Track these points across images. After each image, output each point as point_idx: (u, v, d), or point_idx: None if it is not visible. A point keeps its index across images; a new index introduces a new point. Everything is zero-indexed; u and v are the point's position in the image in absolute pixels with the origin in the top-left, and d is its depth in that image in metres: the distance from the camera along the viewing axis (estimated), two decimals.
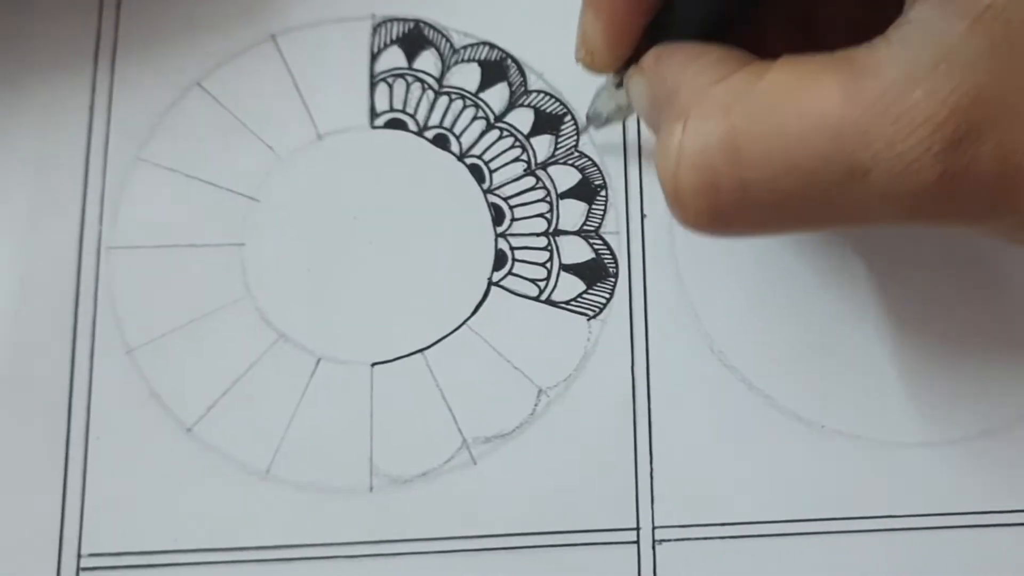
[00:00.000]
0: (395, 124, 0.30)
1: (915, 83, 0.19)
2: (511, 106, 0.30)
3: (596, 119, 0.28)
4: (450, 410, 0.28)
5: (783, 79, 0.21)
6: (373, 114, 0.30)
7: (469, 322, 0.29)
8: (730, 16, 0.24)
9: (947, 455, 0.28)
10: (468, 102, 0.30)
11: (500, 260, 0.29)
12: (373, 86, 0.30)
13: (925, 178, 0.19)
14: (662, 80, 0.23)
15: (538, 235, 0.29)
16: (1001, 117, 0.19)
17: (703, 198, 0.21)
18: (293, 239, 0.29)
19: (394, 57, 0.30)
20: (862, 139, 0.19)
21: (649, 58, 0.24)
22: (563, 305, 0.29)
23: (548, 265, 0.29)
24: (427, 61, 0.30)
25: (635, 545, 0.27)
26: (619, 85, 0.26)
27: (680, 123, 0.21)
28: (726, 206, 0.21)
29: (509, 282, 0.29)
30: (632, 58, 0.25)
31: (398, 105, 0.30)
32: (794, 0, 0.25)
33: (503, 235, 0.29)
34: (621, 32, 0.24)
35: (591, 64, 0.25)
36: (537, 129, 0.30)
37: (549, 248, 0.29)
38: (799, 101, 0.20)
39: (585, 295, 0.29)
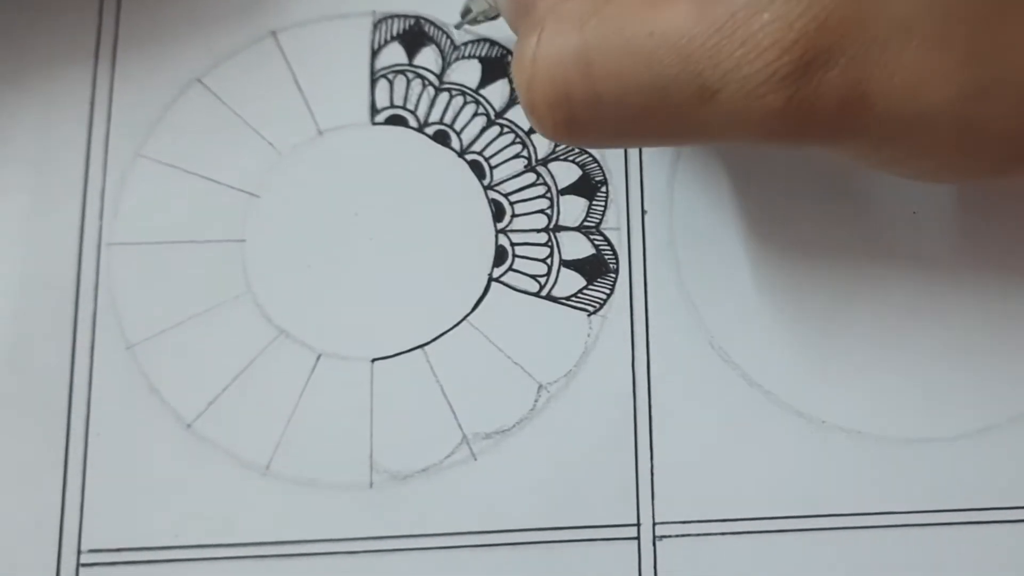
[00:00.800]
0: (396, 120, 0.30)
1: (764, 6, 0.19)
2: (512, 103, 0.30)
3: (466, 16, 0.28)
4: (450, 406, 0.28)
5: None
6: (374, 110, 0.30)
7: (469, 318, 0.29)
8: None
9: (947, 451, 0.28)
10: (469, 98, 0.30)
11: (501, 256, 0.29)
12: (374, 82, 0.30)
13: (772, 101, 0.20)
14: None
15: (538, 231, 0.29)
16: (848, 44, 0.19)
17: (557, 109, 0.21)
18: (293, 235, 0.29)
19: (395, 53, 0.30)
20: (710, 60, 0.20)
21: None
22: (563, 301, 0.29)
23: (548, 261, 0.29)
24: (427, 57, 0.30)
25: (635, 541, 0.27)
26: None
27: (535, 35, 0.21)
28: (579, 117, 0.21)
29: (509, 278, 0.29)
30: None
31: (399, 101, 0.30)
32: None
33: (504, 231, 0.29)
34: None
35: None
36: None
37: (549, 244, 0.29)
38: (651, 19, 0.20)
39: (585, 291, 0.29)
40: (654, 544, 0.27)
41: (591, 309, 0.29)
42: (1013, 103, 0.20)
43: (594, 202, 0.29)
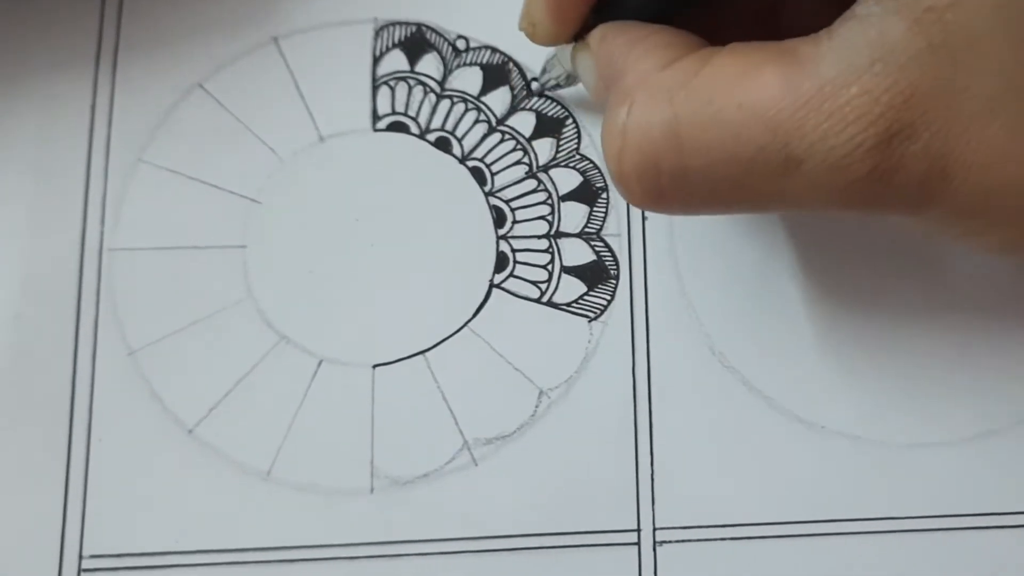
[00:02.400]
0: (397, 127, 0.30)
1: (851, 80, 0.20)
2: (513, 109, 0.30)
3: (543, 79, 0.29)
4: (451, 411, 0.28)
5: (726, 68, 0.21)
6: (375, 117, 0.30)
7: (470, 324, 0.29)
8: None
9: (947, 456, 0.28)
10: (470, 105, 0.30)
11: (501, 262, 0.29)
12: (375, 89, 0.30)
13: (855, 172, 0.20)
14: (608, 60, 0.24)
15: (539, 237, 0.29)
16: (932, 118, 0.20)
17: (646, 180, 0.22)
18: (295, 241, 0.29)
19: (396, 60, 0.30)
20: (797, 132, 0.20)
21: (595, 36, 0.24)
22: (564, 307, 0.29)
23: (549, 267, 0.29)
24: (429, 64, 0.30)
25: (636, 547, 0.27)
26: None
27: (625, 106, 0.22)
28: (667, 189, 0.22)
29: (510, 284, 0.29)
30: (581, 31, 0.25)
31: (400, 108, 0.30)
32: None
33: (504, 237, 0.29)
34: (563, 8, 0.25)
35: (532, 36, 0.25)
36: (539, 132, 0.30)
37: (550, 250, 0.29)
38: (739, 91, 0.21)
39: (586, 297, 0.29)
40: (654, 549, 0.27)
41: (592, 315, 0.29)
42: None
43: (595, 208, 0.30)
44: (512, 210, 0.29)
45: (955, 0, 0.19)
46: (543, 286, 0.29)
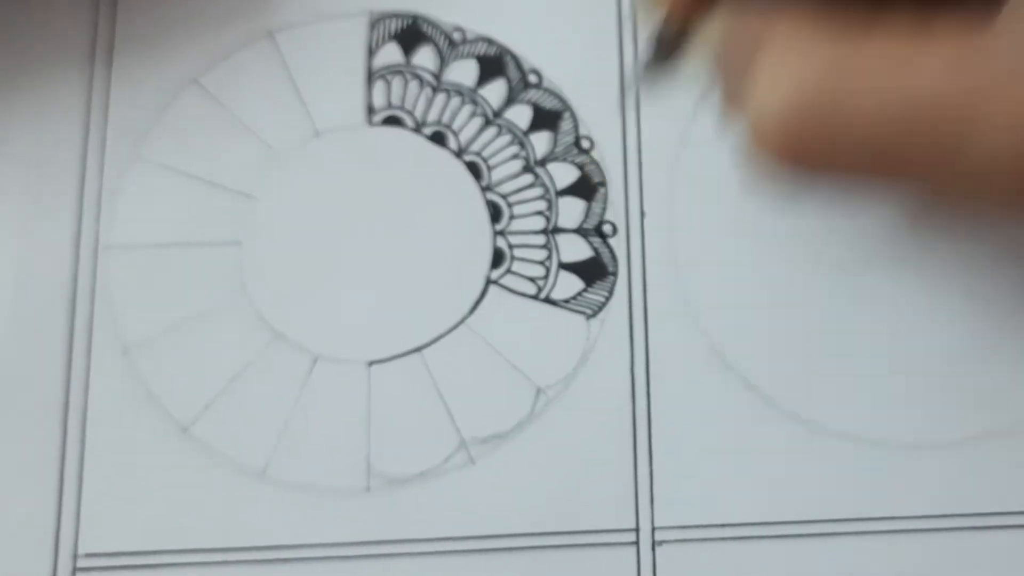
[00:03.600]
0: (392, 121, 0.30)
1: None
2: (509, 102, 0.30)
3: (659, 53, 0.24)
4: (448, 409, 0.28)
5: (891, 48, 0.20)
6: (370, 111, 0.30)
7: (467, 321, 0.28)
8: None
9: (947, 456, 0.27)
10: (466, 98, 0.30)
11: (498, 258, 0.29)
12: (370, 83, 0.30)
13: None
14: (750, 25, 0.22)
15: (537, 233, 0.29)
16: None
17: (789, 150, 0.21)
18: (290, 237, 0.29)
19: (391, 53, 0.30)
20: (964, 122, 0.19)
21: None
22: (562, 304, 0.29)
23: (547, 263, 0.29)
24: (425, 57, 0.30)
25: (634, 546, 0.27)
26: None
27: (776, 72, 0.21)
28: (810, 158, 0.21)
29: (507, 280, 0.29)
30: None
31: (396, 102, 0.30)
32: None
33: (501, 233, 0.29)
34: None
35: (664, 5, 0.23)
36: (536, 125, 0.30)
37: (548, 246, 0.29)
38: (903, 76, 0.20)
39: (584, 294, 0.29)
40: (653, 549, 0.27)
41: (589, 312, 0.28)
42: None
43: (593, 204, 0.29)
44: (509, 205, 0.29)
45: None
46: (540, 282, 0.29)
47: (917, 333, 0.28)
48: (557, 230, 0.29)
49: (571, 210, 0.29)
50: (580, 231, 0.29)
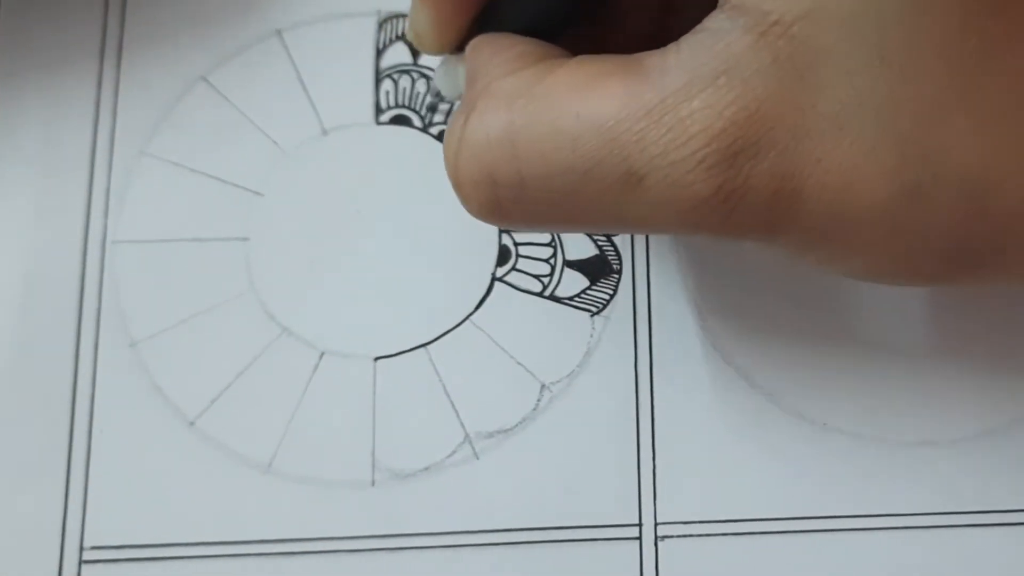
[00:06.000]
0: (400, 120, 0.30)
1: (695, 92, 0.19)
2: None
3: (437, 97, 0.28)
4: (452, 405, 0.28)
5: (570, 77, 0.20)
6: (378, 110, 0.30)
7: (472, 317, 0.29)
8: (560, 15, 0.23)
9: (949, 454, 0.28)
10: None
11: (504, 255, 0.29)
12: (378, 82, 0.30)
13: (699, 191, 0.19)
14: (469, 69, 0.23)
15: None
16: (779, 136, 0.19)
17: (481, 189, 0.21)
18: (297, 234, 0.29)
19: (399, 53, 0.30)
20: (637, 145, 0.19)
21: (469, 47, 0.23)
22: (566, 301, 0.29)
23: (552, 261, 0.29)
24: (432, 57, 0.30)
25: (637, 541, 0.27)
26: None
27: (465, 113, 0.21)
28: (504, 200, 0.21)
29: (513, 277, 0.29)
30: (463, 42, 0.24)
31: (403, 101, 0.30)
32: (644, 9, 0.25)
33: (507, 231, 0.29)
34: (445, 21, 0.23)
35: (418, 45, 0.24)
36: None
37: (553, 244, 0.29)
38: (579, 100, 0.20)
39: (588, 291, 0.29)
40: (656, 544, 0.27)
41: (594, 310, 0.29)
42: (949, 206, 0.19)
43: None
44: None
45: (803, 14, 0.18)
46: (545, 280, 0.29)
47: (918, 332, 0.28)
48: None
49: None
50: None
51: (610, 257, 0.29)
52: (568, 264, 0.29)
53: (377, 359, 0.28)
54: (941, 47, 0.18)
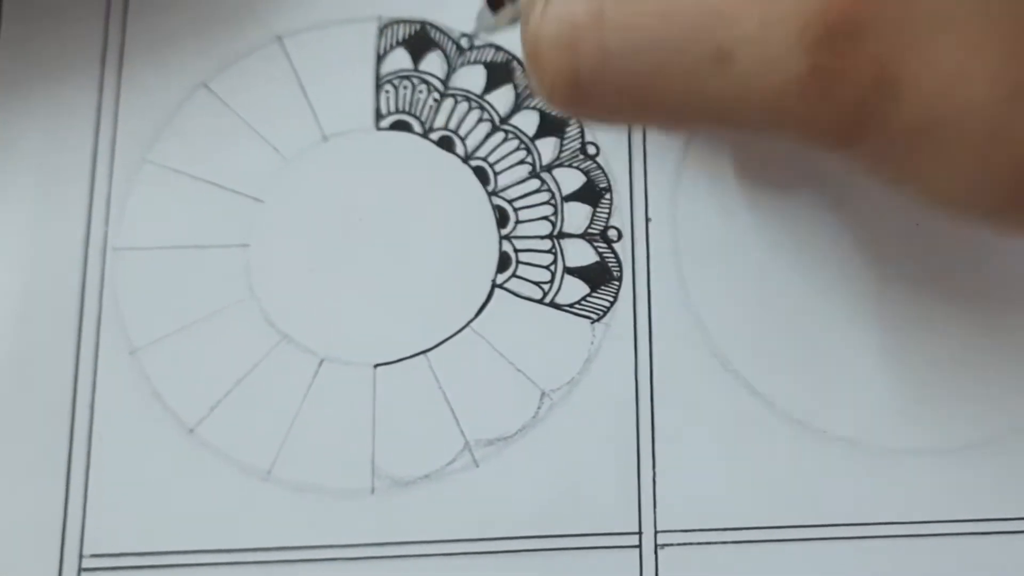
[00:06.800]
0: (400, 126, 0.30)
1: None
2: (516, 108, 0.30)
3: (483, 22, 0.26)
4: (452, 412, 0.28)
5: None
6: (378, 116, 0.30)
7: (472, 324, 0.29)
8: None
9: (949, 462, 0.27)
10: (473, 104, 0.30)
11: (504, 262, 0.29)
12: (378, 88, 0.30)
13: (791, 70, 0.18)
14: None
15: (542, 237, 0.29)
16: (883, 21, 0.18)
17: (564, 59, 0.19)
18: (297, 240, 0.29)
19: (400, 59, 0.30)
20: (729, 20, 0.18)
21: None
22: (567, 308, 0.29)
23: (552, 268, 0.29)
24: (433, 63, 0.30)
25: (637, 549, 0.27)
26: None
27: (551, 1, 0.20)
28: (584, 74, 0.19)
29: (513, 284, 0.29)
30: None
31: (403, 107, 0.30)
32: None
33: (507, 237, 0.29)
34: None
35: None
36: (542, 131, 0.30)
37: (553, 251, 0.29)
38: None
39: (589, 298, 0.29)
40: (656, 552, 0.27)
41: (594, 317, 0.29)
42: None
43: (598, 209, 0.29)
44: (515, 210, 0.29)
45: None
46: (546, 287, 0.29)
47: (918, 340, 0.28)
48: (563, 235, 0.29)
49: (577, 215, 0.29)
50: (585, 236, 0.29)
51: (610, 264, 0.29)
52: (568, 271, 0.29)
53: (377, 366, 0.28)
54: None
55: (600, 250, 0.29)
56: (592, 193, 0.29)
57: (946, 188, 0.20)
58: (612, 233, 0.29)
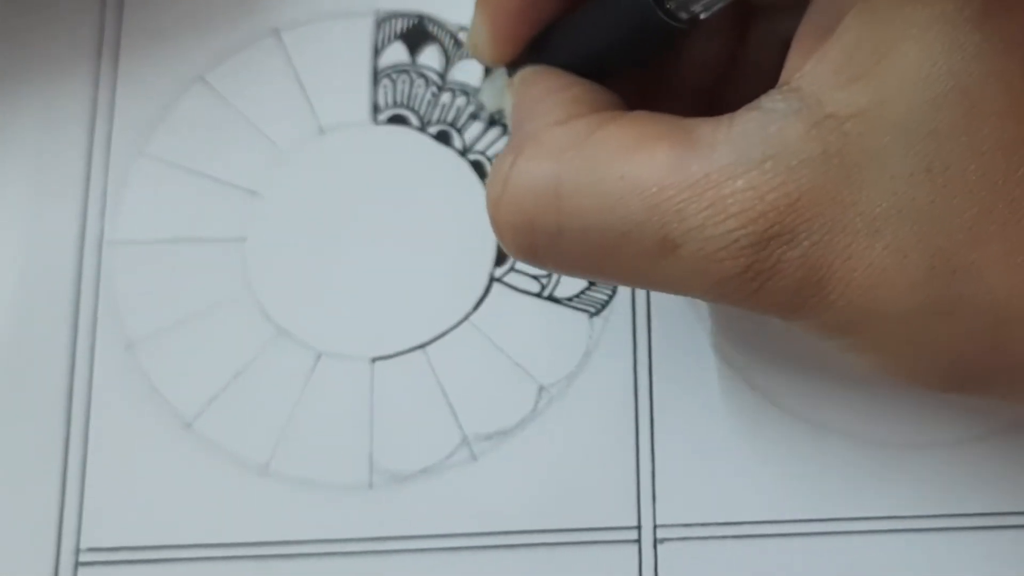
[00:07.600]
0: (397, 120, 0.30)
1: (740, 172, 0.19)
2: None
3: (480, 110, 0.28)
4: (450, 406, 0.28)
5: (620, 135, 0.20)
6: (375, 110, 0.30)
7: (470, 318, 0.29)
8: (616, 60, 0.23)
9: (948, 456, 0.27)
10: (471, 98, 0.30)
11: (502, 256, 0.29)
12: (376, 81, 0.30)
13: (729, 267, 0.19)
14: (519, 104, 0.23)
15: None
16: (815, 227, 0.19)
17: (520, 234, 0.21)
18: (294, 234, 0.29)
19: (397, 52, 0.30)
20: (676, 215, 0.19)
21: (518, 78, 0.23)
22: (565, 302, 0.29)
23: None
24: (430, 56, 0.30)
25: (636, 544, 0.27)
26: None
27: (512, 156, 0.21)
28: (540, 247, 0.21)
29: (511, 278, 0.29)
30: (517, 62, 0.24)
31: (401, 101, 0.30)
32: (705, 67, 0.25)
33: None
34: (503, 37, 0.24)
35: (474, 55, 0.24)
36: None
37: None
38: (625, 162, 0.20)
39: (587, 292, 0.29)
40: (655, 547, 0.27)
41: (593, 310, 0.29)
42: (968, 330, 0.19)
43: None
44: None
45: (859, 111, 0.19)
46: (544, 280, 0.29)
47: None
48: None
49: None
50: None
51: None
52: None
53: (374, 360, 0.28)
54: (989, 169, 0.19)
55: None
56: None
57: (878, 370, 0.21)
58: None
